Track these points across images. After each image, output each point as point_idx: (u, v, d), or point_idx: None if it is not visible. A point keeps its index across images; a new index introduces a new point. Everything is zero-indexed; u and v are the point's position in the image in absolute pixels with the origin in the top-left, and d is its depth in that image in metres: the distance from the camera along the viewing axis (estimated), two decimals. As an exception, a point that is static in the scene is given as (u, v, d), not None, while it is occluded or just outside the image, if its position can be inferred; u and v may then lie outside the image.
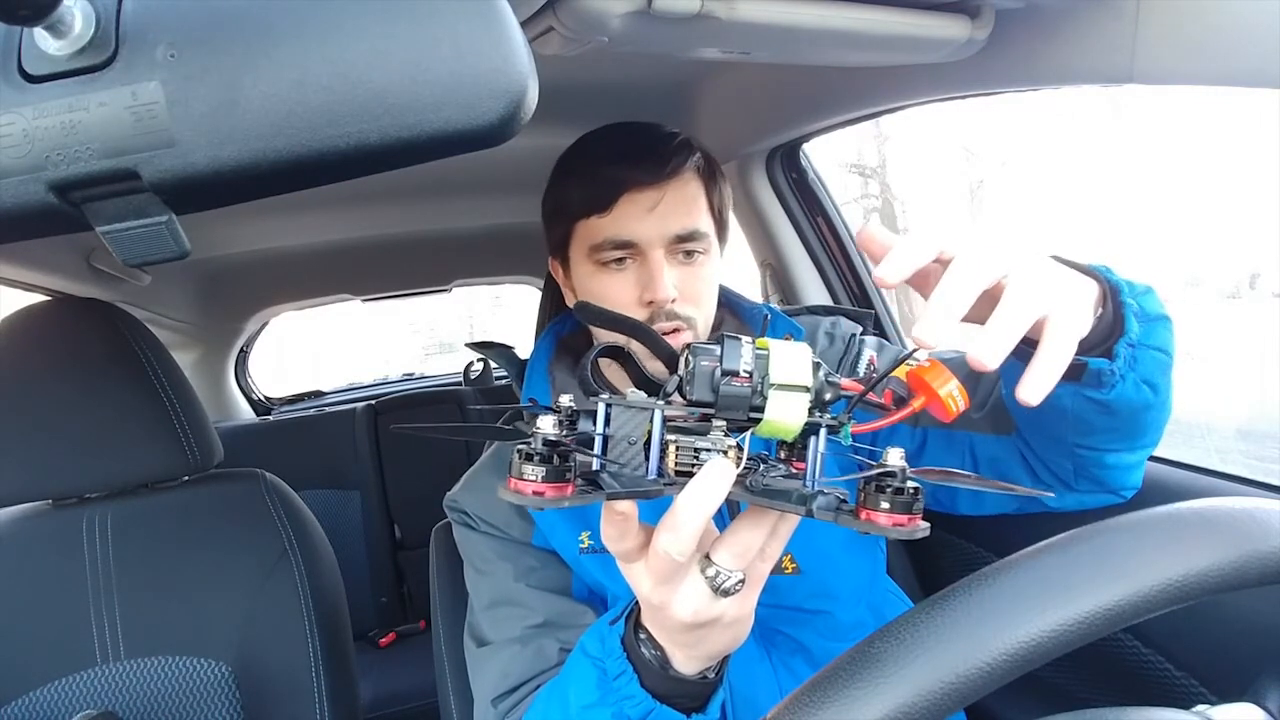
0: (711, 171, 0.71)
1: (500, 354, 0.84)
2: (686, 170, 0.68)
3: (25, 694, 0.87)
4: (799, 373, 0.36)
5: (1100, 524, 0.33)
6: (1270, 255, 2.70)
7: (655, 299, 0.66)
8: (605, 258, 0.68)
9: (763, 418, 0.36)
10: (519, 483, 0.34)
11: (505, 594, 0.69)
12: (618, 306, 0.67)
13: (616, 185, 0.66)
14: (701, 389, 0.36)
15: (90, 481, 0.91)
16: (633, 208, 0.66)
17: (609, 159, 0.67)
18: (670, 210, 0.66)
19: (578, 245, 0.70)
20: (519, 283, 2.52)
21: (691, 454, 0.38)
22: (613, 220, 0.66)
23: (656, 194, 0.66)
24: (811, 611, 0.70)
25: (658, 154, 0.66)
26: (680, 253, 0.68)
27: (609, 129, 0.72)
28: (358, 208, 1.55)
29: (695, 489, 0.36)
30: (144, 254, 0.28)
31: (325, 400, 2.57)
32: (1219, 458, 0.78)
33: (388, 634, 1.95)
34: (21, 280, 1.21)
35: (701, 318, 0.70)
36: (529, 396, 0.73)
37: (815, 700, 0.30)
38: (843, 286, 1.33)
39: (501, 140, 0.28)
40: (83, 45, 0.26)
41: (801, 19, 0.66)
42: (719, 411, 0.36)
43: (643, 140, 0.68)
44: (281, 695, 0.91)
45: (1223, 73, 0.60)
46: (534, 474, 0.34)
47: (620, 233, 0.66)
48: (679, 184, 0.67)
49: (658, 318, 0.67)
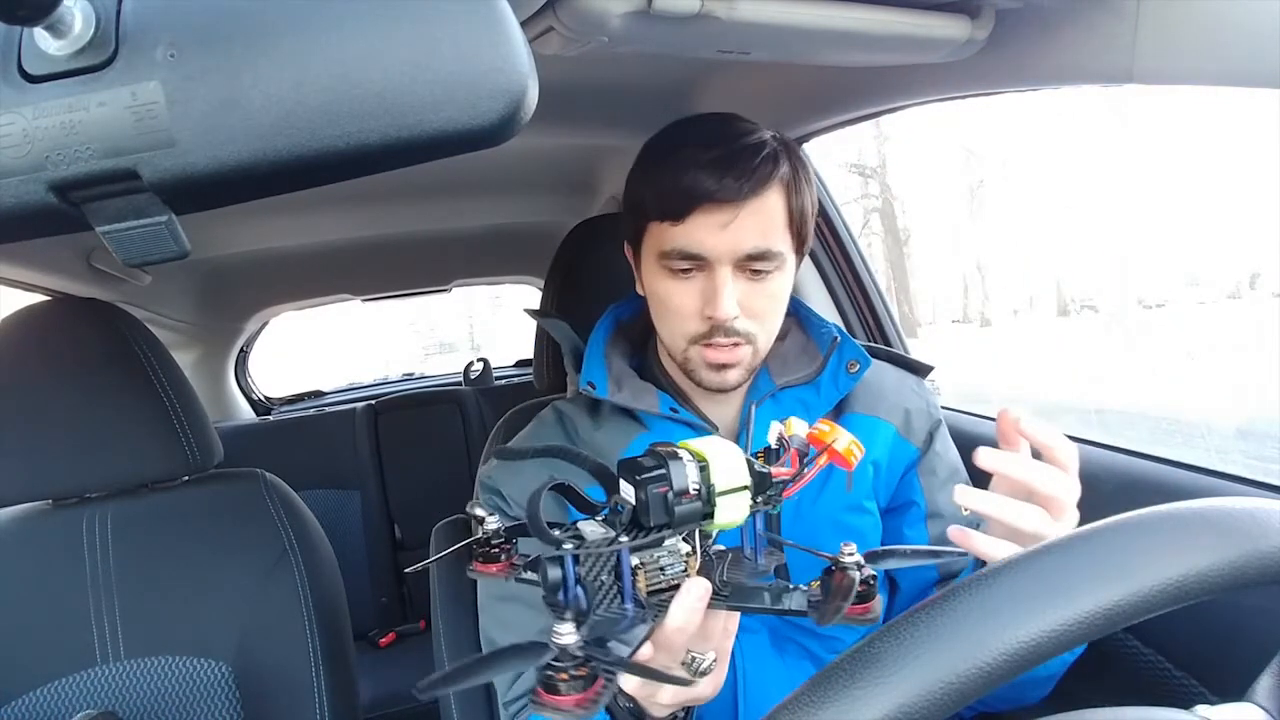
0: (798, 182, 0.67)
1: (557, 326, 0.83)
2: (770, 186, 0.65)
3: (25, 694, 0.87)
4: (738, 475, 0.40)
5: (1100, 524, 0.33)
6: (1270, 255, 2.70)
7: (715, 316, 0.65)
8: (673, 265, 0.66)
9: (713, 522, 0.40)
10: (558, 699, 0.34)
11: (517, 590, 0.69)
12: (679, 314, 0.67)
13: (693, 198, 0.63)
14: (658, 514, 0.39)
15: (90, 481, 0.91)
16: (707, 221, 0.64)
17: (690, 164, 0.64)
18: (744, 229, 0.64)
19: (649, 245, 0.69)
20: (519, 283, 2.52)
21: (658, 571, 0.41)
22: (684, 231, 0.65)
23: (733, 211, 0.63)
24: (827, 634, 0.70)
25: (740, 169, 0.63)
26: (749, 270, 0.66)
27: (697, 123, 0.69)
28: (358, 208, 1.55)
29: (678, 614, 0.40)
30: (144, 254, 0.28)
31: (325, 400, 2.57)
32: (1219, 458, 0.78)
33: (388, 634, 1.95)
34: (21, 280, 1.21)
35: (764, 334, 0.68)
36: (587, 380, 0.73)
37: (815, 700, 0.30)
38: (843, 287, 1.33)
39: (501, 140, 0.28)
40: (83, 45, 0.26)
41: (801, 19, 0.66)
42: (675, 528, 0.40)
43: (729, 148, 0.64)
44: (281, 695, 0.91)
45: (1223, 73, 0.60)
46: (569, 690, 0.34)
47: (690, 245, 0.65)
48: (758, 201, 0.64)
49: (717, 333, 0.66)
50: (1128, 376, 4.00)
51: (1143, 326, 4.75)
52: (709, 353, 0.67)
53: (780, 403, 0.73)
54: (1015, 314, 6.83)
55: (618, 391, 0.72)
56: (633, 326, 0.79)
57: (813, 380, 0.74)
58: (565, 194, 1.65)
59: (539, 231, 1.88)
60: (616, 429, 0.73)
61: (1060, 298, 6.21)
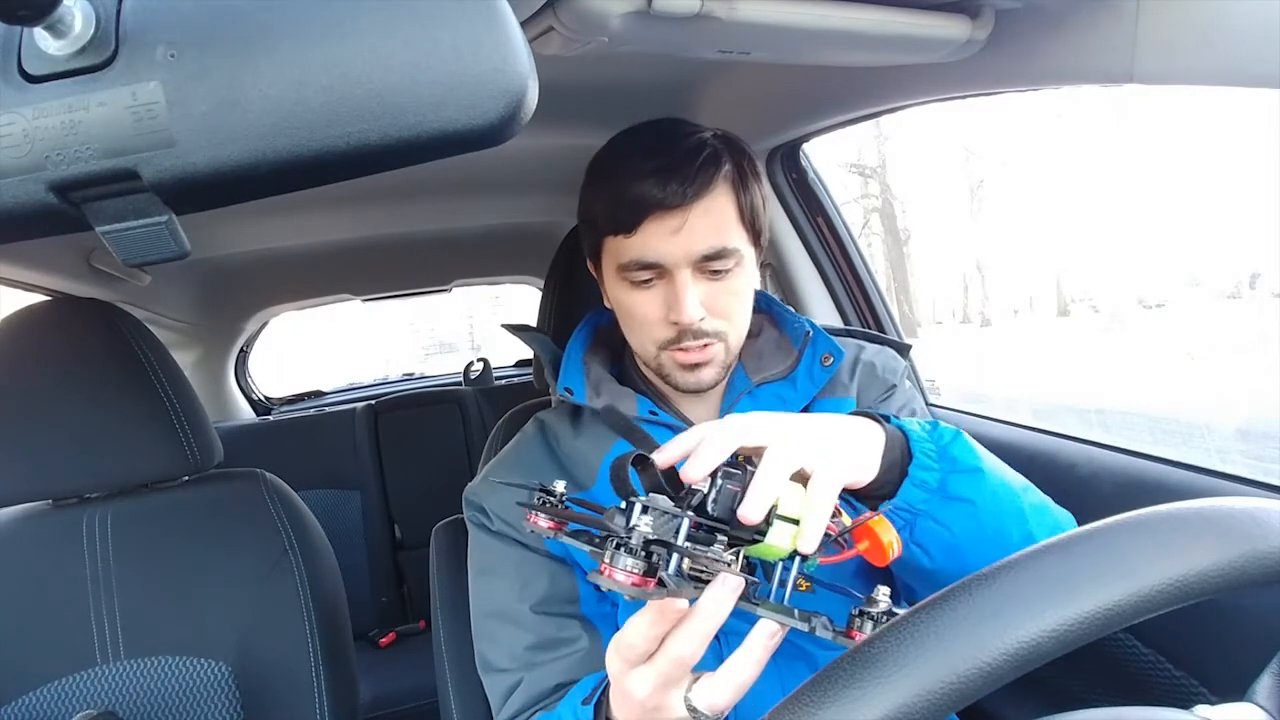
0: (744, 177, 0.68)
1: (536, 339, 0.83)
2: (715, 186, 0.66)
3: (25, 694, 0.87)
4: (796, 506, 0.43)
5: (1100, 524, 0.33)
6: (1270, 255, 2.71)
7: (680, 321, 0.66)
8: (633, 277, 0.67)
9: (763, 541, 0.42)
10: (614, 571, 0.38)
11: (504, 610, 0.70)
12: (645, 323, 0.68)
13: (642, 208, 0.64)
14: (724, 507, 0.42)
15: (90, 481, 0.91)
16: (658, 229, 0.65)
17: (635, 175, 0.65)
18: (696, 231, 0.65)
19: (608, 258, 0.70)
20: (519, 283, 2.52)
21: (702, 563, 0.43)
22: (638, 241, 0.65)
23: (682, 215, 0.64)
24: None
25: (683, 173, 0.64)
26: (708, 270, 0.67)
27: (637, 133, 0.70)
28: (358, 208, 1.55)
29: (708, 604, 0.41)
30: (144, 254, 0.28)
31: (325, 400, 2.57)
32: (1219, 458, 0.78)
33: (388, 634, 1.95)
34: (21, 280, 1.21)
35: (733, 330, 0.69)
36: (564, 386, 0.73)
37: (815, 700, 0.30)
38: (843, 287, 1.33)
39: (501, 140, 0.28)
40: (83, 45, 0.26)
41: (801, 19, 0.66)
42: (732, 529, 0.42)
43: (669, 155, 0.65)
44: (281, 695, 0.91)
45: (1223, 73, 0.60)
46: (634, 568, 0.38)
47: (645, 255, 0.65)
48: (706, 202, 0.65)
49: (685, 336, 0.67)
50: (1128, 376, 4.00)
51: (1143, 326, 4.75)
52: (680, 355, 0.68)
53: (757, 399, 0.74)
54: (1015, 314, 6.83)
55: (596, 397, 0.73)
56: (612, 333, 0.79)
57: (788, 375, 0.74)
58: (565, 194, 1.65)
59: (539, 231, 1.88)
60: (596, 435, 0.74)
61: (1060, 297, 6.22)
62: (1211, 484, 0.75)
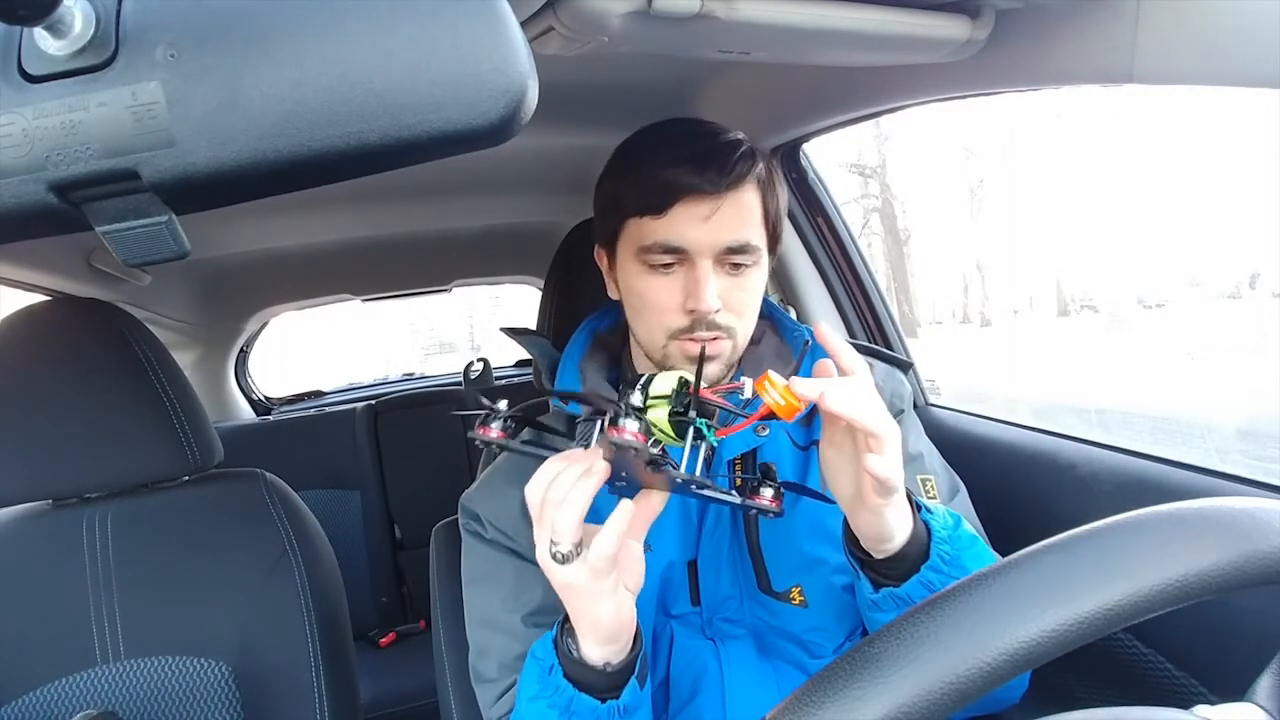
0: (770, 181, 0.69)
1: (534, 343, 0.83)
2: (747, 181, 0.66)
3: (25, 694, 0.87)
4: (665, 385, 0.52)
5: (1100, 524, 0.33)
6: (1270, 255, 2.70)
7: (698, 309, 0.66)
8: (653, 260, 0.67)
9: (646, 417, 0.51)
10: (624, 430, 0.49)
11: (495, 619, 0.71)
12: (659, 309, 0.68)
13: (675, 190, 0.65)
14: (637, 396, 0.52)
15: (90, 481, 0.91)
16: (688, 214, 0.65)
17: (671, 160, 0.65)
18: (725, 221, 0.65)
19: (627, 242, 0.69)
20: (519, 283, 2.51)
21: None
22: (666, 224, 0.65)
23: (714, 203, 0.65)
24: (809, 642, 0.70)
25: (720, 162, 0.65)
26: (728, 264, 0.67)
27: (672, 125, 0.70)
28: (358, 208, 1.55)
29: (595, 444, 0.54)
30: (144, 254, 0.28)
31: (325, 400, 2.56)
32: (1219, 458, 0.78)
33: (388, 634, 1.95)
34: (21, 280, 1.21)
35: (742, 329, 0.69)
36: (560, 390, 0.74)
37: (815, 700, 0.30)
38: (843, 287, 1.33)
39: (501, 140, 0.28)
40: (83, 45, 0.26)
41: (801, 19, 0.66)
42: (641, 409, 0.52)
43: (707, 144, 0.67)
44: (281, 695, 0.91)
45: (1223, 73, 0.60)
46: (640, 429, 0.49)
47: (671, 238, 0.65)
48: (737, 194, 0.66)
49: (698, 326, 0.67)
50: (1128, 376, 4.00)
51: (1143, 326, 4.75)
52: (690, 345, 0.68)
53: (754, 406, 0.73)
54: (1015, 314, 6.83)
55: None
56: (610, 338, 0.79)
57: None
58: (565, 194, 1.65)
59: (539, 231, 1.88)
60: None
61: (1060, 297, 6.22)
62: (1211, 484, 0.75)
